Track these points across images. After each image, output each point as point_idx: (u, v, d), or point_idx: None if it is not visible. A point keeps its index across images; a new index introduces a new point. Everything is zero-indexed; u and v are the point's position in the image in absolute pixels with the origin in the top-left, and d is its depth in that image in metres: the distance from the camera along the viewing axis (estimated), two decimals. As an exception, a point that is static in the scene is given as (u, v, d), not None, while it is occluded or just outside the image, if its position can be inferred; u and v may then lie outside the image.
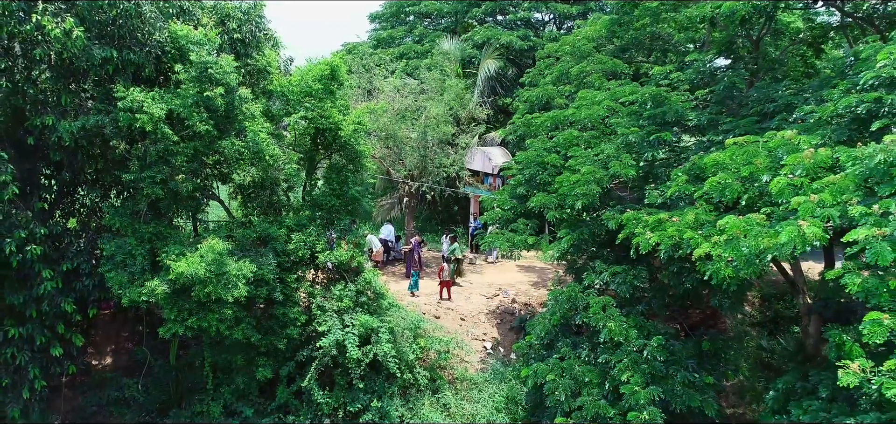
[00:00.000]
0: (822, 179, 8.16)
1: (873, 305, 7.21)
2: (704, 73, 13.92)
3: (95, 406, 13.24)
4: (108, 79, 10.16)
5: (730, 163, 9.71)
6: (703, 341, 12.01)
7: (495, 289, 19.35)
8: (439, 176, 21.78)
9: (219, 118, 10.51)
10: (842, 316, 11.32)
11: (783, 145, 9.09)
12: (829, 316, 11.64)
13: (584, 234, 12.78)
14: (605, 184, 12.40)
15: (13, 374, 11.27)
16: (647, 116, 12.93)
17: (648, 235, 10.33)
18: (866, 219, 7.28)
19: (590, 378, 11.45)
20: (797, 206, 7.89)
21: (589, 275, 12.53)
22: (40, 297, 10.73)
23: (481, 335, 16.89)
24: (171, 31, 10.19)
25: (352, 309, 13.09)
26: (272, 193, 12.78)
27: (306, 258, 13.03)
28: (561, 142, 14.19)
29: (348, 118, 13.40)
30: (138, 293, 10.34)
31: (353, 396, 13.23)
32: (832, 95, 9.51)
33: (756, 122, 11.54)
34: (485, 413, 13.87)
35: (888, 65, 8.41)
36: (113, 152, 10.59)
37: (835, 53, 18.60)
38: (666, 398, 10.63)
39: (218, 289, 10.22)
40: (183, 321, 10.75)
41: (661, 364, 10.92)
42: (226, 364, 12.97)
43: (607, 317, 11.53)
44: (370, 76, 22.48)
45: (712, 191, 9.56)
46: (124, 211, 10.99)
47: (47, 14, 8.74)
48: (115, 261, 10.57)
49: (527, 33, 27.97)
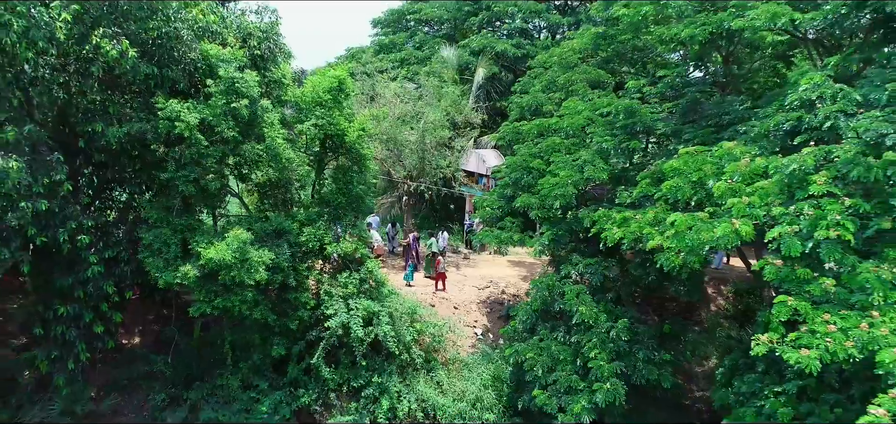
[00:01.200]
0: (754, 184, 9.79)
1: (784, 289, 8.83)
2: (673, 87, 15.53)
3: (126, 379, 14.85)
4: (149, 92, 11.76)
5: (683, 168, 11.31)
6: (665, 325, 13.63)
7: (486, 282, 20.96)
8: (436, 176, 23.40)
9: (243, 125, 12.11)
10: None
11: (726, 155, 10.73)
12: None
13: (562, 230, 14.40)
14: (582, 186, 14.02)
15: (61, 347, 12.85)
16: (619, 126, 14.54)
17: (615, 230, 11.97)
18: (784, 218, 8.92)
19: (564, 356, 13.08)
20: (732, 206, 9.53)
21: (566, 267, 14.17)
22: (86, 280, 12.31)
23: (472, 322, 18.52)
24: (202, 50, 11.79)
25: (356, 295, 14.70)
26: (286, 191, 14.38)
27: (316, 249, 14.64)
28: (545, 147, 15.81)
29: (353, 125, 15.02)
30: (173, 276, 11.94)
31: (356, 373, 14.84)
32: (768, 112, 11.12)
33: (713, 133, 13.14)
34: (473, 389, 15.47)
35: (808, 89, 10.01)
36: (151, 154, 12.18)
37: (803, 66, 20.14)
38: (628, 371, 12.27)
39: (241, 274, 11.83)
40: (210, 301, 12.34)
41: (626, 344, 12.55)
42: (243, 343, 14.57)
43: (580, 303, 13.16)
44: (373, 82, 24.05)
45: (668, 192, 11.18)
46: (159, 205, 12.59)
47: (104, 37, 10.33)
48: (153, 249, 12.17)
49: (520, 42, 29.57)
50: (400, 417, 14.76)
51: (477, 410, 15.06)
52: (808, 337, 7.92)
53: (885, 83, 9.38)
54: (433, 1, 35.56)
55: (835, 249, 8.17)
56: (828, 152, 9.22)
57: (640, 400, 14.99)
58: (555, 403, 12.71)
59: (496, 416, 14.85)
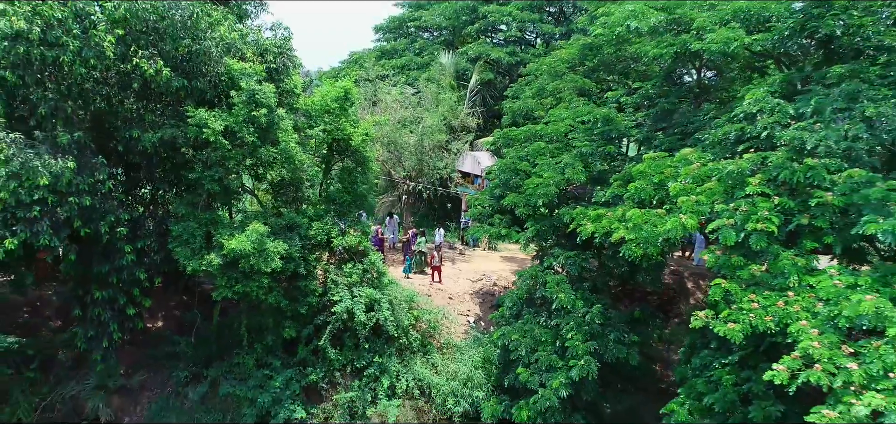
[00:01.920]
0: (703, 185, 11.39)
1: (722, 274, 10.42)
2: (647, 97, 17.13)
3: (152, 358, 16.49)
4: (179, 102, 13.38)
5: (647, 171, 12.90)
6: (636, 311, 15.23)
7: (480, 275, 22.58)
8: (434, 177, 25.01)
9: (261, 131, 13.72)
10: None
11: (682, 160, 12.31)
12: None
13: (545, 226, 16.01)
14: (563, 187, 15.60)
15: (97, 327, 14.47)
16: (598, 133, 16.15)
17: (589, 225, 13.56)
18: (724, 213, 10.51)
19: (545, 338, 14.67)
20: (682, 204, 11.13)
21: (548, 259, 15.77)
22: (121, 268, 13.90)
23: (466, 311, 20.14)
24: (226, 65, 13.39)
25: (359, 284, 16.32)
26: (297, 190, 15.99)
27: (323, 242, 16.26)
28: (531, 151, 17.38)
29: (358, 130, 16.64)
30: (198, 264, 13.55)
31: (359, 354, 16.46)
32: (720, 123, 12.72)
33: (679, 139, 14.75)
34: (465, 370, 17.07)
35: (751, 103, 11.61)
36: (180, 157, 13.80)
37: (774, 76, 21.74)
38: (600, 351, 13.86)
39: (259, 262, 13.44)
40: (231, 286, 13.95)
41: (599, 327, 14.14)
42: (258, 326, 16.18)
43: (560, 291, 14.75)
44: (375, 89, 25.67)
45: (634, 193, 12.78)
46: (186, 201, 14.21)
47: (143, 57, 11.94)
48: (181, 240, 13.77)
49: (515, 49, 31.21)
50: (398, 394, 16.37)
51: (468, 388, 16.65)
52: (736, 313, 9.51)
53: (811, 98, 10.99)
54: (433, 8, 37.18)
55: (762, 239, 9.75)
56: (764, 158, 10.82)
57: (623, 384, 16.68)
58: (536, 380, 14.28)
59: (485, 394, 16.44)
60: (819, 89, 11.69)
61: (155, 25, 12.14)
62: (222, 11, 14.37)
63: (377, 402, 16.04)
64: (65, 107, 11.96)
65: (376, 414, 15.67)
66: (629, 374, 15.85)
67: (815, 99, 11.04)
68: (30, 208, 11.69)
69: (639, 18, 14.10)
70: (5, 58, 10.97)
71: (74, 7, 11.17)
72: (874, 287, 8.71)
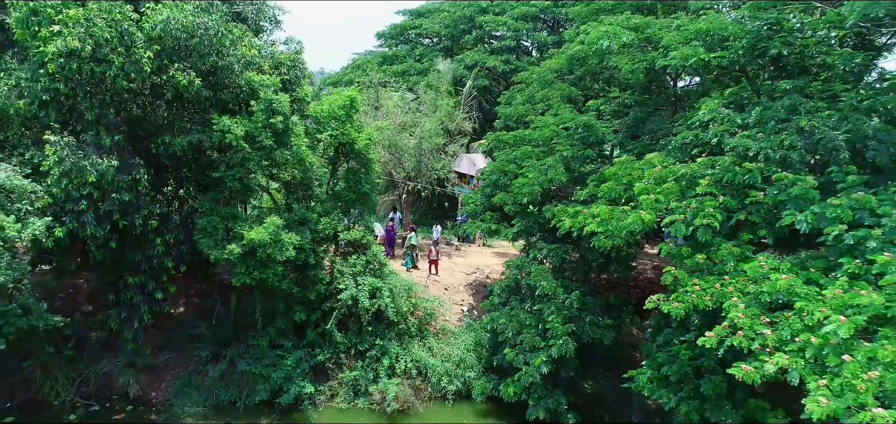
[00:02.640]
0: (662, 186, 13.12)
1: (673, 263, 12.15)
2: (623, 106, 18.88)
3: (176, 339, 18.25)
4: (205, 110, 15.13)
5: (618, 174, 14.67)
6: (610, 298, 16.97)
7: (474, 269, 24.33)
8: (432, 177, 26.76)
9: (277, 136, 15.47)
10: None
11: (647, 163, 14.08)
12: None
13: (530, 222, 17.75)
14: (546, 186, 17.34)
15: (128, 310, 16.23)
16: (578, 138, 17.89)
17: (567, 221, 15.28)
18: (678, 210, 12.25)
19: (529, 321, 16.41)
20: (643, 201, 12.87)
21: (533, 251, 17.52)
22: (151, 257, 15.65)
23: (460, 301, 21.88)
24: (247, 78, 15.15)
25: (362, 273, 18.07)
26: (307, 188, 17.74)
27: (330, 235, 18.01)
28: (519, 154, 19.14)
29: (362, 134, 18.40)
30: (221, 252, 15.29)
31: (362, 337, 18.20)
32: (680, 130, 14.45)
33: (649, 144, 16.48)
34: (458, 353, 18.81)
35: (705, 113, 13.34)
36: (206, 158, 15.54)
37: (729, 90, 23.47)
38: (578, 332, 15.60)
39: (275, 252, 15.19)
40: (249, 273, 15.68)
41: (577, 311, 15.88)
42: (271, 311, 17.92)
43: (542, 279, 16.50)
44: (377, 94, 27.44)
45: (606, 192, 14.54)
46: (210, 198, 15.95)
47: (177, 70, 13.71)
48: (206, 232, 15.51)
49: (509, 58, 32.98)
50: (397, 374, 18.09)
51: (460, 369, 18.39)
52: (681, 295, 11.24)
53: (756, 110, 12.73)
54: (433, 17, 38.94)
55: (707, 233, 11.48)
56: (713, 162, 12.55)
57: (601, 366, 18.39)
58: (521, 358, 16.02)
59: (476, 374, 18.18)
60: (766, 101, 13.44)
61: (185, 43, 13.89)
62: (242, 29, 16.13)
63: (378, 380, 17.74)
64: (107, 114, 13.72)
65: (377, 391, 17.38)
66: (607, 357, 17.56)
67: (758, 110, 12.79)
68: (78, 202, 13.47)
69: (611, 38, 15.84)
70: (60, 72, 12.73)
71: (119, 28, 12.93)
72: (793, 270, 10.45)
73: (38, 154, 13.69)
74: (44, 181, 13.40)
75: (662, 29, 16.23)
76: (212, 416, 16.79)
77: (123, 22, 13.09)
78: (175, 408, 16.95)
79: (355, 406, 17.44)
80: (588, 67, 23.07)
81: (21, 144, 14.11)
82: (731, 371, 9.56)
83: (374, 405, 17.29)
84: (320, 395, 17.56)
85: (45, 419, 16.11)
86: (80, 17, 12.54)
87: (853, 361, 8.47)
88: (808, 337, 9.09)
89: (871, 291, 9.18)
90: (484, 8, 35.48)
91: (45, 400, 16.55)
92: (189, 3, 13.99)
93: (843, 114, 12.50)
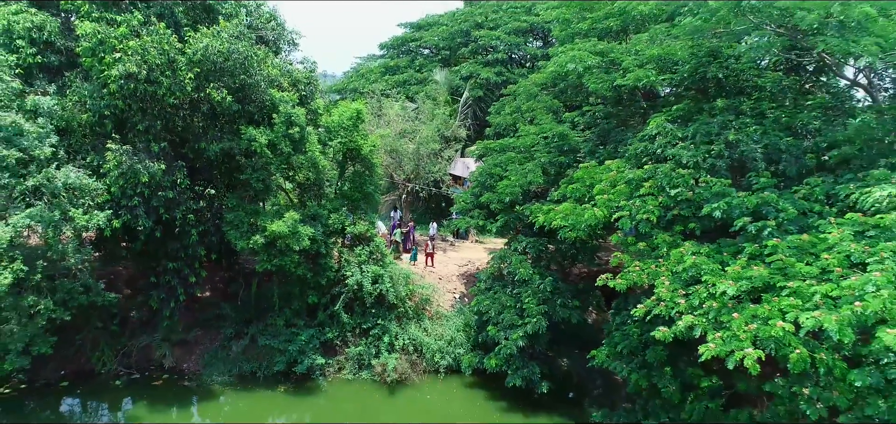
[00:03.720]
0: (615, 188, 15.82)
1: (621, 250, 14.86)
2: (593, 118, 21.62)
3: (204, 319, 21.02)
4: (234, 121, 17.91)
5: (583, 177, 17.37)
6: (579, 285, 19.68)
7: (466, 262, 27.06)
8: (429, 179, 29.51)
9: (294, 143, 18.24)
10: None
11: (606, 169, 16.79)
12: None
13: (512, 218, 20.48)
14: (526, 187, 20.05)
15: (167, 291, 18.99)
16: (554, 146, 20.62)
17: (541, 217, 17.99)
18: (626, 207, 14.95)
19: (509, 303, 19.11)
20: (599, 200, 15.59)
21: (514, 243, 20.24)
22: (188, 246, 18.40)
23: (453, 289, 24.61)
24: (270, 94, 17.92)
25: (366, 262, 20.81)
26: (319, 188, 20.50)
27: (339, 229, 20.75)
28: (504, 160, 21.87)
29: (367, 142, 21.16)
30: (246, 242, 18.03)
31: (365, 318, 20.92)
32: (634, 141, 17.15)
33: (613, 151, 19.15)
34: (449, 333, 21.52)
35: (652, 127, 16.05)
36: (234, 163, 18.31)
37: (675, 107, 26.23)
38: (549, 312, 18.30)
39: (292, 242, 17.94)
40: (270, 260, 18.43)
41: (550, 294, 18.57)
42: (287, 294, 20.66)
43: (521, 267, 19.21)
44: (380, 104, 30.23)
45: (573, 192, 17.24)
46: (237, 196, 18.72)
47: (213, 88, 16.49)
48: (233, 225, 18.26)
49: (502, 70, 35.76)
50: (396, 350, 20.79)
51: (451, 346, 21.10)
52: (625, 275, 13.95)
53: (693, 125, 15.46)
54: (432, 30, 41.74)
55: (646, 226, 14.19)
56: (655, 168, 15.25)
57: (575, 346, 21.05)
58: (502, 335, 18.68)
59: (465, 350, 20.88)
60: (705, 117, 16.17)
61: (221, 65, 16.67)
62: (265, 51, 18.91)
63: (379, 355, 20.43)
64: (155, 125, 16.50)
65: (379, 364, 20.09)
66: (579, 339, 20.24)
67: (695, 126, 15.51)
68: (131, 199, 16.25)
69: (578, 62, 18.60)
70: (119, 91, 15.51)
71: (168, 55, 15.71)
72: (710, 254, 13.15)
73: (97, 158, 16.46)
74: (103, 181, 16.17)
75: (624, 53, 18.96)
76: (236, 384, 19.54)
77: (171, 50, 15.87)
78: (204, 377, 19.69)
79: (359, 378, 20.17)
80: (568, 81, 25.79)
81: (82, 150, 16.87)
82: (655, 334, 12.25)
83: (375, 376, 20.00)
84: (329, 367, 20.29)
85: (94, 385, 18.87)
86: (137, 46, 15.32)
87: (740, 318, 11.18)
88: (711, 303, 11.80)
89: (761, 267, 11.90)
90: (479, 23, 38.29)
91: (93, 370, 19.30)
92: (224, 32, 16.75)
93: (765, 129, 15.25)
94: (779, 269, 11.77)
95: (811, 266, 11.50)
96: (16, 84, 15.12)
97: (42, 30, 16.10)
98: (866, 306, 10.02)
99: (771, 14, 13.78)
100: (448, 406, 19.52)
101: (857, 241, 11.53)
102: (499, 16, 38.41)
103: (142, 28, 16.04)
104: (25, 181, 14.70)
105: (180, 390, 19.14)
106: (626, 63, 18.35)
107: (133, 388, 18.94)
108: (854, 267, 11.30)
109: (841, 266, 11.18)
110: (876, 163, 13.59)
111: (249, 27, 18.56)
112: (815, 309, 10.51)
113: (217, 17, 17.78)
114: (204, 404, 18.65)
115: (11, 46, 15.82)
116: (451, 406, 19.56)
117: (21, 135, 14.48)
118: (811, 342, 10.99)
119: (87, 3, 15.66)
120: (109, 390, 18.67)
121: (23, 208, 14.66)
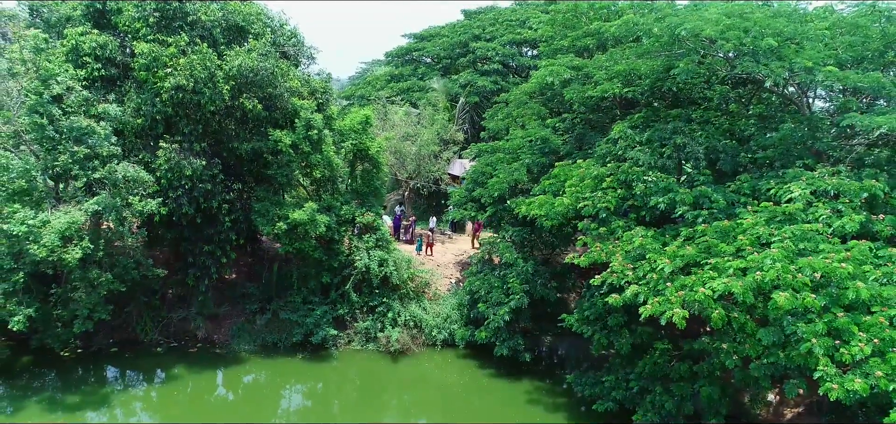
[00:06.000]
0: (583, 182, 18.82)
1: (585, 234, 17.87)
2: (572, 123, 24.67)
3: (231, 297, 24.10)
4: (262, 125, 21.01)
5: (559, 174, 20.38)
6: (556, 268, 22.73)
7: (462, 252, 30.10)
8: (429, 178, 32.57)
9: (313, 144, 21.31)
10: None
11: (576, 167, 19.82)
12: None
13: (499, 209, 23.53)
14: (512, 184, 23.07)
15: (202, 270, 22.05)
16: (537, 149, 23.66)
17: (523, 208, 20.99)
18: (591, 198, 17.96)
19: (496, 284, 22.12)
20: (568, 193, 18.60)
21: (501, 232, 23.29)
22: (221, 231, 21.48)
23: (450, 275, 27.65)
24: (292, 102, 21.01)
25: (373, 248, 23.86)
26: (333, 184, 23.58)
27: (349, 219, 23.82)
28: (494, 160, 24.92)
29: (374, 143, 24.24)
30: (271, 229, 21.12)
31: (372, 297, 23.95)
32: (602, 144, 20.14)
33: (587, 152, 22.17)
34: (446, 311, 24.55)
35: (616, 133, 19.06)
36: (261, 160, 21.39)
37: (636, 114, 29.32)
38: (531, 290, 21.31)
39: (311, 228, 21.01)
40: (291, 244, 21.49)
41: (531, 276, 21.59)
42: (304, 275, 23.72)
43: (507, 252, 22.24)
44: (385, 110, 33.34)
45: (549, 187, 20.26)
46: (263, 189, 21.79)
47: (245, 98, 19.58)
48: (260, 214, 21.33)
49: (497, 79, 38.85)
50: (399, 325, 23.81)
51: (447, 323, 24.13)
52: (588, 254, 16.95)
53: (648, 131, 18.48)
54: (434, 41, 44.87)
55: (605, 213, 17.21)
56: (617, 166, 18.26)
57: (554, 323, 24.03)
58: (490, 311, 21.66)
59: (459, 325, 23.91)
60: (660, 124, 19.19)
61: (252, 79, 19.78)
62: (287, 65, 22.03)
63: (384, 329, 23.44)
64: (197, 129, 19.62)
65: (384, 337, 23.11)
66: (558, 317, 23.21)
67: (650, 132, 18.54)
68: (177, 190, 19.34)
69: (554, 76, 21.68)
70: (170, 100, 18.62)
71: (210, 70, 18.82)
72: (655, 236, 16.15)
73: (147, 155, 19.56)
74: (153, 174, 19.26)
75: (596, 68, 22.01)
76: (260, 353, 22.61)
77: (212, 66, 18.98)
78: (232, 346, 22.76)
79: (367, 348, 23.21)
80: (553, 91, 28.84)
81: (134, 149, 19.97)
82: (608, 300, 15.25)
83: (381, 347, 23.04)
84: (340, 339, 23.35)
85: (139, 350, 21.95)
86: (185, 63, 18.44)
87: (672, 286, 14.18)
88: (652, 275, 14.81)
89: (692, 247, 14.90)
90: (477, 35, 41.41)
91: (138, 338, 22.38)
92: (254, 51, 19.87)
93: (708, 134, 18.28)
94: (705, 249, 14.77)
95: (729, 245, 14.49)
96: (85, 93, 18.22)
97: (104, 48, 19.22)
98: (765, 275, 13.00)
99: (701, 42, 16.83)
100: (444, 373, 22.58)
101: (766, 226, 14.53)
102: (495, 28, 41.52)
103: (187, 47, 19.14)
104: (93, 174, 17.80)
105: (212, 357, 22.22)
106: (597, 76, 21.39)
107: (172, 355, 22.00)
108: (763, 246, 14.30)
109: (752, 245, 14.17)
110: (794, 163, 16.56)
111: (274, 44, 21.62)
112: (727, 278, 13.52)
113: (248, 35, 20.88)
114: (232, 369, 21.70)
115: (79, 62, 18.93)
116: (447, 372, 22.62)
117: (90, 135, 17.58)
118: (729, 306, 13.99)
119: (144, 26, 18.78)
120: (152, 355, 21.75)
121: (89, 197, 17.77)
